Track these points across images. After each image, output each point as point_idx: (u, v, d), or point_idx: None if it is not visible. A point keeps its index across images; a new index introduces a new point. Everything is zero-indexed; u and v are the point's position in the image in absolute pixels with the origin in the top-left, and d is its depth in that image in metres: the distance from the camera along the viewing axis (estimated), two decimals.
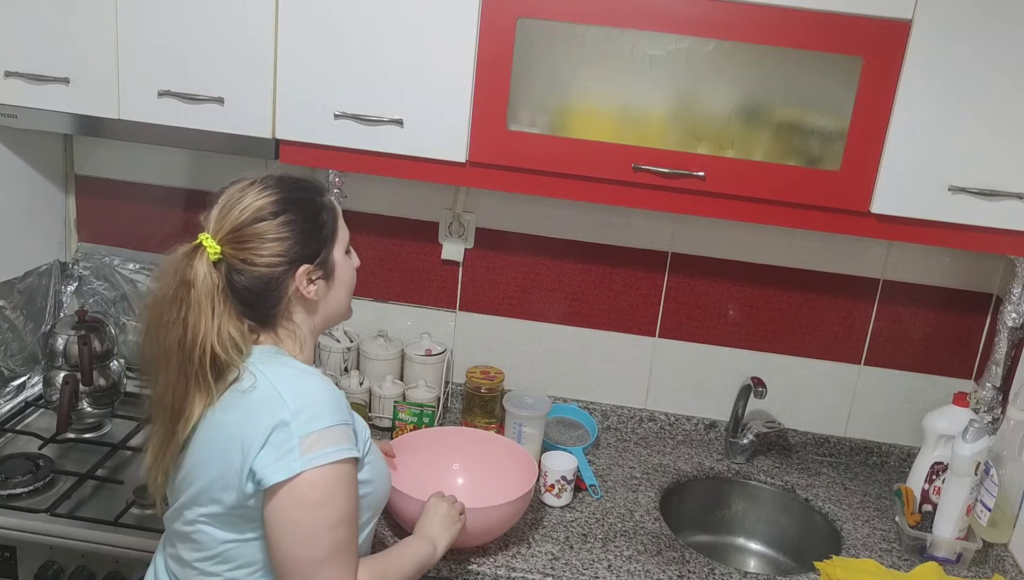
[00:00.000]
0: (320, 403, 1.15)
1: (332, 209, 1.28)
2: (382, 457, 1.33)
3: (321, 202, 1.26)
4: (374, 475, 1.26)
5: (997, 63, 1.50)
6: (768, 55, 1.57)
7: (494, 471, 1.71)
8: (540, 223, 2.04)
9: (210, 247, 1.17)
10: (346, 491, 1.16)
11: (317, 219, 1.24)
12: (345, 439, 1.16)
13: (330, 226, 1.26)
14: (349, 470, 1.16)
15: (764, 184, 1.61)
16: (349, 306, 1.33)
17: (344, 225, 1.30)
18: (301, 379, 1.18)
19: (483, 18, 1.58)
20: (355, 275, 1.32)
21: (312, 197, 1.26)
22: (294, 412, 1.13)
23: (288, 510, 1.12)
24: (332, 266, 1.26)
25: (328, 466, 1.13)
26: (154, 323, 1.18)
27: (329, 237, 1.25)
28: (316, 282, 1.23)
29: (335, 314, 1.31)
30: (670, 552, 1.65)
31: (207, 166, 2.07)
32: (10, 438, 1.84)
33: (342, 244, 1.28)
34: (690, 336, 2.08)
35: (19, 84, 1.69)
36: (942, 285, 1.99)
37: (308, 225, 1.22)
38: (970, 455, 1.63)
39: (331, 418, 1.15)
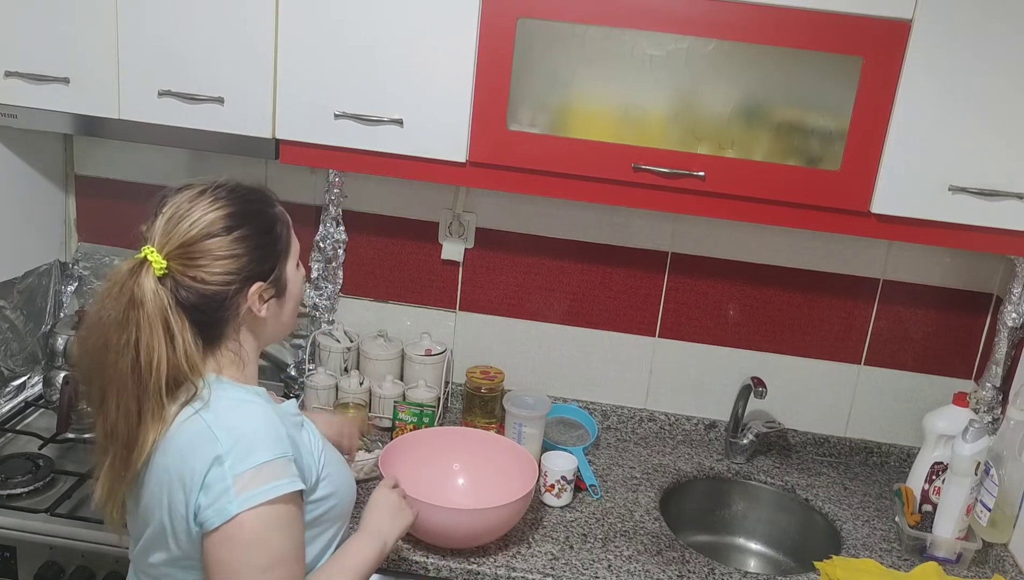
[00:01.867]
0: (254, 436, 1.08)
1: (285, 221, 1.21)
2: (341, 463, 1.27)
3: (275, 214, 1.19)
4: (335, 488, 1.21)
5: (997, 63, 1.50)
6: (768, 55, 1.57)
7: (494, 471, 1.71)
8: (540, 223, 2.04)
9: (155, 262, 1.08)
10: (284, 529, 1.09)
11: (271, 233, 1.17)
12: (283, 473, 1.08)
13: (284, 240, 1.19)
14: (288, 508, 1.09)
15: (764, 184, 1.61)
16: (295, 321, 1.27)
17: (295, 237, 1.23)
18: (235, 411, 1.11)
19: (483, 18, 1.58)
20: (304, 288, 1.28)
21: (265, 209, 1.18)
22: (227, 449, 1.06)
23: (217, 551, 1.06)
24: (285, 282, 1.19)
25: (264, 506, 1.06)
26: (98, 347, 1.09)
27: (283, 252, 1.19)
28: (268, 301, 1.17)
29: (282, 330, 1.25)
30: (670, 552, 1.65)
31: (207, 166, 2.07)
32: (10, 438, 1.84)
33: (294, 257, 1.22)
34: (690, 336, 2.08)
35: (19, 84, 1.69)
36: (942, 285, 1.99)
37: (262, 240, 1.15)
38: (970, 455, 1.63)
39: (267, 452, 1.08)
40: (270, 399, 1.20)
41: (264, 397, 1.18)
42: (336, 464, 1.25)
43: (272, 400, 1.20)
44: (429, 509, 1.50)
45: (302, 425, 1.22)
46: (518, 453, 1.71)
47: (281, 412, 1.18)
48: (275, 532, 1.08)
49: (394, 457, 1.64)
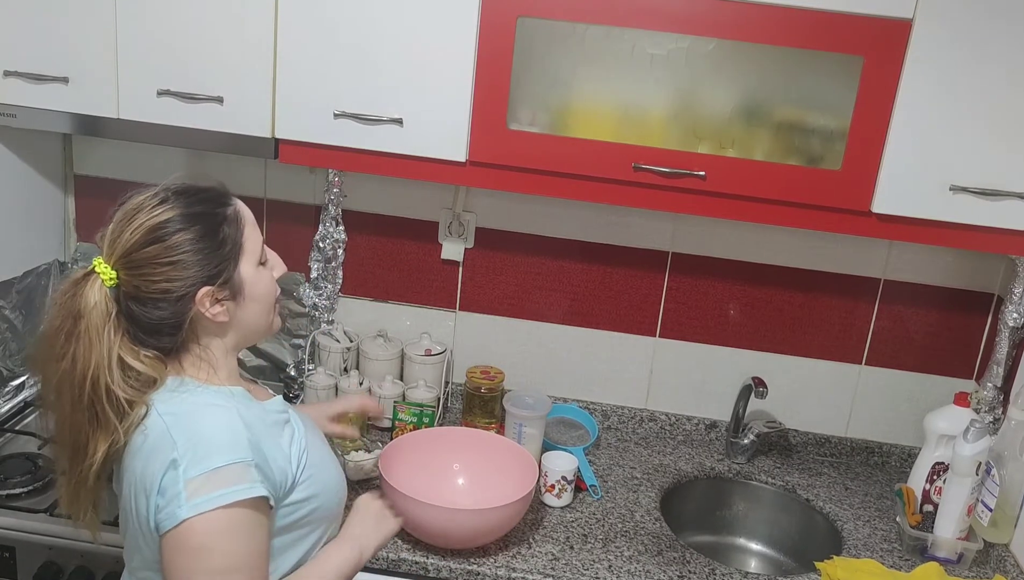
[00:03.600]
0: (211, 441, 1.07)
1: (236, 221, 1.15)
2: (327, 464, 1.24)
3: (222, 215, 1.14)
4: (317, 490, 1.19)
5: (998, 62, 1.50)
6: (769, 54, 1.56)
7: (494, 471, 1.71)
8: (540, 223, 2.03)
9: (103, 273, 1.08)
10: (239, 535, 1.06)
11: (216, 236, 1.12)
12: (240, 479, 1.05)
13: (233, 241, 1.14)
14: (246, 514, 1.06)
15: (765, 183, 1.60)
16: (270, 321, 1.22)
17: (255, 235, 1.17)
18: (195, 415, 1.10)
19: (483, 17, 1.57)
20: (274, 287, 1.21)
21: (212, 210, 1.13)
22: (182, 453, 1.05)
23: (170, 555, 1.05)
24: (240, 284, 1.14)
25: (216, 511, 1.04)
26: (43, 357, 1.10)
27: (233, 253, 1.14)
28: (223, 303, 1.13)
29: (253, 331, 1.21)
30: (671, 552, 1.64)
31: (206, 166, 2.06)
32: (9, 438, 1.84)
33: (251, 257, 1.16)
34: (691, 336, 2.08)
35: (18, 83, 1.69)
36: (943, 285, 1.99)
37: (206, 243, 1.11)
38: (971, 455, 1.63)
39: (223, 457, 1.06)
40: (249, 399, 1.18)
41: (239, 398, 1.16)
42: (322, 465, 1.22)
43: (253, 399, 1.19)
44: (429, 509, 1.49)
45: (286, 423, 1.21)
46: (518, 453, 1.71)
47: (259, 412, 1.17)
48: (228, 538, 1.05)
49: (394, 457, 1.64)
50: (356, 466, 1.74)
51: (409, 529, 1.56)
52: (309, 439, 1.23)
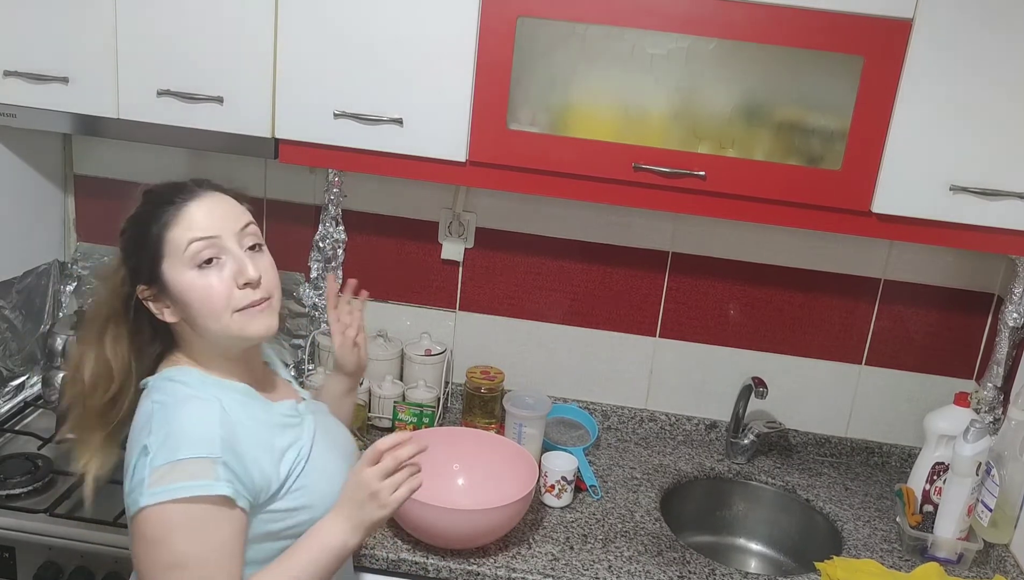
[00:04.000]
0: (181, 432, 1.07)
1: (166, 222, 1.12)
2: (330, 477, 1.20)
3: (153, 214, 1.13)
4: (311, 501, 1.17)
5: (998, 62, 1.50)
6: (769, 54, 1.56)
7: (494, 471, 1.71)
8: (540, 223, 2.03)
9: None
10: (193, 532, 1.05)
11: (142, 236, 1.13)
12: (201, 474, 1.05)
13: (155, 241, 1.12)
14: (204, 510, 1.05)
15: (765, 183, 1.60)
16: (224, 326, 1.13)
17: (186, 235, 1.12)
18: (176, 405, 1.11)
19: (483, 17, 1.57)
20: (219, 291, 1.12)
21: (148, 209, 1.14)
22: (153, 440, 1.07)
23: (132, 544, 1.08)
24: (165, 285, 1.13)
25: (172, 504, 1.04)
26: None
27: (154, 254, 1.12)
28: (160, 302, 1.14)
29: (218, 337, 1.15)
30: (671, 553, 1.64)
31: (206, 166, 2.06)
32: (9, 438, 1.84)
33: (175, 259, 1.12)
34: (691, 336, 2.08)
35: (18, 83, 1.69)
36: (943, 285, 1.99)
37: (133, 243, 1.15)
38: (971, 455, 1.63)
39: (188, 450, 1.06)
40: (251, 396, 1.19)
41: (238, 393, 1.17)
42: (323, 478, 1.19)
43: (258, 397, 1.19)
44: (429, 509, 1.49)
45: (292, 427, 1.20)
46: (518, 453, 1.71)
47: (259, 411, 1.18)
48: (180, 533, 1.05)
49: None
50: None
51: (409, 529, 1.56)
52: (317, 449, 1.21)
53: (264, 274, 1.16)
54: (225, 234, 1.14)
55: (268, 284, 1.17)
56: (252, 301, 1.14)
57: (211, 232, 1.13)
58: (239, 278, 1.13)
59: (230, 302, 1.13)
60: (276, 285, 1.20)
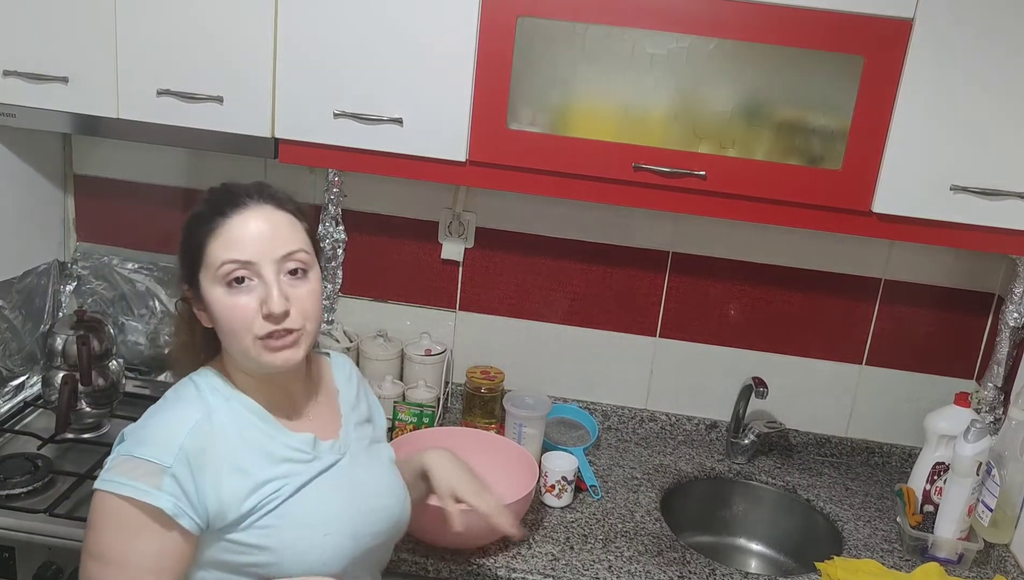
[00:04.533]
0: (148, 430, 1.08)
1: (209, 231, 1.10)
2: (315, 534, 1.12)
3: (204, 218, 1.12)
4: (276, 545, 1.10)
5: (999, 62, 1.50)
6: (769, 54, 1.56)
7: (494, 471, 1.70)
8: (540, 223, 2.03)
9: None
10: (120, 532, 1.04)
11: (190, 238, 1.13)
12: (143, 478, 1.04)
13: (195, 248, 1.11)
14: (135, 515, 1.04)
15: (765, 183, 1.60)
16: (243, 350, 1.11)
17: (223, 253, 1.09)
18: (166, 403, 1.13)
19: (483, 16, 1.57)
20: (242, 317, 1.09)
21: (203, 212, 1.13)
22: (131, 430, 1.09)
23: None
24: (201, 294, 1.12)
25: (111, 495, 1.04)
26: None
27: (194, 260, 1.12)
28: (198, 306, 1.14)
29: (238, 357, 1.13)
30: (671, 553, 1.64)
31: (206, 165, 2.06)
32: (9, 438, 1.84)
33: (209, 272, 1.10)
34: (691, 336, 2.07)
35: (18, 83, 1.69)
36: (944, 285, 1.99)
37: (184, 244, 1.14)
38: (972, 455, 1.63)
39: (145, 450, 1.05)
40: (260, 417, 1.14)
41: (245, 410, 1.14)
42: (298, 526, 1.12)
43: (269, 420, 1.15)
44: (429, 509, 1.49)
45: (294, 462, 1.14)
46: (518, 453, 1.71)
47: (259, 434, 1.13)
48: (109, 527, 1.05)
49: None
50: None
51: (409, 529, 1.56)
52: (312, 495, 1.14)
53: (297, 305, 1.11)
54: (263, 261, 1.09)
55: (300, 316, 1.11)
56: (271, 332, 1.10)
57: (247, 256, 1.09)
58: (264, 307, 1.09)
59: (252, 328, 1.09)
60: (311, 316, 1.13)
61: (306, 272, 1.14)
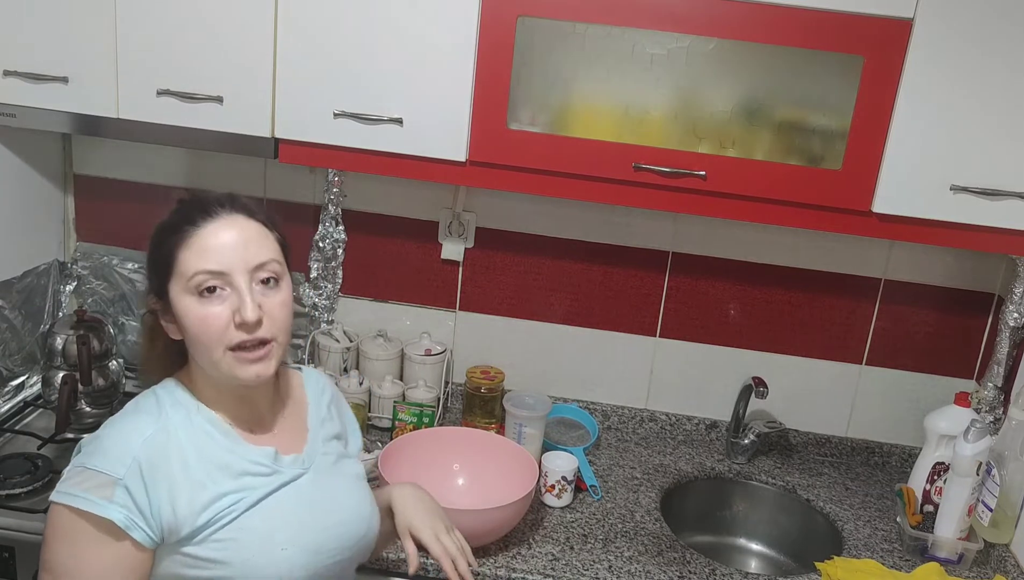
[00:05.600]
0: (105, 443, 1.06)
1: (179, 241, 1.08)
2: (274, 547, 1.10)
3: (173, 228, 1.10)
4: (232, 559, 1.07)
5: (998, 61, 1.50)
6: (769, 54, 1.56)
7: (494, 471, 1.71)
8: (540, 222, 2.03)
9: None
10: (71, 544, 1.03)
11: (159, 248, 1.10)
12: (95, 490, 1.02)
13: (167, 259, 1.09)
14: (85, 528, 1.03)
15: (765, 183, 1.60)
16: (214, 362, 1.08)
17: (196, 261, 1.07)
18: (122, 416, 1.11)
19: (483, 16, 1.57)
20: (213, 326, 1.07)
21: (172, 222, 1.11)
22: (86, 441, 1.08)
23: None
24: (171, 304, 1.09)
25: (63, 508, 1.03)
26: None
27: (163, 270, 1.09)
28: (167, 317, 1.11)
29: (208, 368, 1.11)
30: (671, 553, 1.64)
31: (206, 165, 2.06)
32: (9, 438, 1.84)
33: (180, 281, 1.08)
34: (691, 336, 2.07)
35: (18, 83, 1.69)
36: (944, 285, 1.99)
37: (152, 254, 1.12)
38: (972, 455, 1.63)
39: (98, 461, 1.04)
40: (220, 430, 1.12)
41: (205, 423, 1.12)
42: (257, 540, 1.09)
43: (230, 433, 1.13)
44: None
45: (252, 475, 1.11)
46: (518, 453, 1.71)
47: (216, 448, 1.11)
48: (61, 538, 1.04)
49: (394, 457, 1.64)
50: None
51: None
52: (271, 510, 1.12)
53: (270, 315, 1.09)
54: (235, 271, 1.07)
55: (273, 326, 1.09)
56: (245, 341, 1.08)
57: (220, 266, 1.07)
58: (236, 316, 1.07)
59: (223, 338, 1.07)
60: (283, 327, 1.11)
61: (278, 282, 1.12)
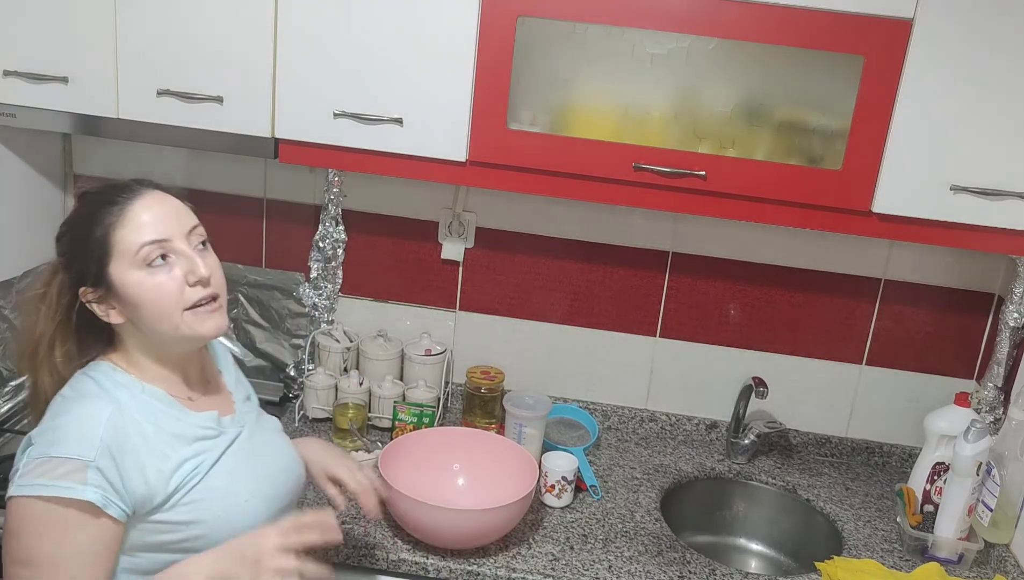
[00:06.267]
0: (64, 430, 1.07)
1: (111, 223, 1.11)
2: (238, 499, 1.18)
3: (95, 217, 1.12)
4: (204, 517, 1.13)
5: (998, 62, 1.50)
6: (769, 54, 1.56)
7: (494, 471, 1.71)
8: (540, 223, 2.03)
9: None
10: (49, 533, 1.04)
11: (86, 237, 1.11)
12: (68, 475, 1.04)
13: (101, 243, 1.11)
14: (65, 512, 1.04)
15: (765, 183, 1.60)
16: (175, 326, 1.13)
17: (135, 237, 1.11)
18: (72, 401, 1.11)
19: (483, 16, 1.57)
20: (169, 290, 1.12)
21: (89, 212, 1.13)
22: (39, 432, 1.08)
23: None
24: (112, 286, 1.11)
25: (33, 499, 1.03)
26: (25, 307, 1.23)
27: (100, 254, 1.11)
28: (109, 304, 1.13)
29: (161, 336, 1.15)
30: (671, 553, 1.64)
31: (206, 165, 2.06)
32: (8, 438, 1.84)
33: (124, 259, 1.11)
34: (691, 336, 2.07)
35: (18, 83, 1.69)
36: (944, 285, 1.99)
37: (76, 246, 1.13)
38: (972, 455, 1.63)
39: (63, 448, 1.05)
40: (165, 403, 1.17)
41: (149, 398, 1.15)
42: (222, 495, 1.16)
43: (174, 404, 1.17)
44: (429, 509, 1.49)
45: (203, 439, 1.17)
46: (518, 453, 1.71)
47: (166, 419, 1.15)
48: (36, 531, 1.04)
49: (394, 457, 1.64)
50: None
51: (409, 529, 1.56)
52: (226, 466, 1.18)
53: (213, 273, 1.17)
54: (175, 236, 1.14)
55: (217, 282, 1.18)
56: (202, 297, 1.15)
57: (162, 235, 1.13)
58: (190, 276, 1.13)
59: (181, 300, 1.13)
60: (223, 284, 1.20)
61: (207, 245, 1.20)
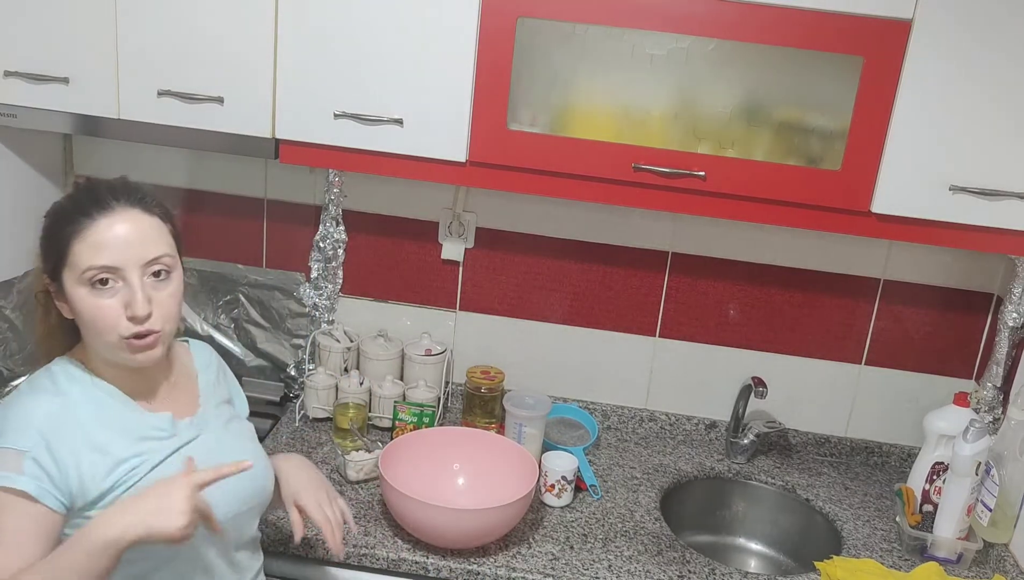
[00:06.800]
0: (7, 421, 1.10)
1: (76, 231, 1.11)
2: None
3: (71, 216, 1.13)
4: None
5: (997, 62, 1.50)
6: (769, 55, 1.56)
7: (494, 471, 1.71)
8: (540, 223, 2.04)
9: None
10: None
11: (58, 234, 1.13)
12: (6, 465, 1.06)
13: (62, 246, 1.12)
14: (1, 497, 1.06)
15: (765, 184, 1.60)
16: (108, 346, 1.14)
17: (91, 256, 1.11)
18: (18, 397, 1.14)
19: (483, 17, 1.57)
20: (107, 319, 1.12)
21: (70, 207, 1.14)
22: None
23: None
24: (64, 288, 1.14)
25: None
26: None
27: (59, 259, 1.13)
28: (60, 299, 1.16)
29: (103, 351, 1.16)
30: (670, 552, 1.64)
31: (207, 166, 2.06)
32: None
33: (74, 273, 1.12)
34: (691, 336, 2.08)
35: (19, 84, 1.69)
36: (943, 285, 1.99)
37: (48, 235, 1.15)
38: (971, 455, 1.63)
39: (4, 439, 1.08)
40: (117, 400, 1.18)
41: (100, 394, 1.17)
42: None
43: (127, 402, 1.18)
44: (429, 509, 1.50)
45: (152, 440, 1.18)
46: (518, 453, 1.71)
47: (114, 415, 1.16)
48: None
49: (394, 457, 1.64)
50: (356, 466, 1.74)
51: (409, 529, 1.56)
52: (176, 467, 1.16)
53: (159, 308, 1.14)
54: (128, 266, 1.12)
55: (161, 318, 1.15)
56: (137, 333, 1.13)
57: (114, 262, 1.11)
58: (127, 310, 1.12)
59: (116, 328, 1.13)
60: (171, 316, 1.17)
61: (169, 273, 1.17)
